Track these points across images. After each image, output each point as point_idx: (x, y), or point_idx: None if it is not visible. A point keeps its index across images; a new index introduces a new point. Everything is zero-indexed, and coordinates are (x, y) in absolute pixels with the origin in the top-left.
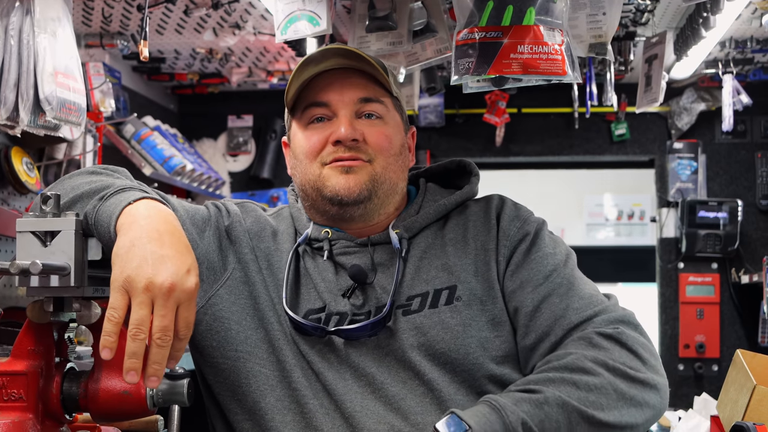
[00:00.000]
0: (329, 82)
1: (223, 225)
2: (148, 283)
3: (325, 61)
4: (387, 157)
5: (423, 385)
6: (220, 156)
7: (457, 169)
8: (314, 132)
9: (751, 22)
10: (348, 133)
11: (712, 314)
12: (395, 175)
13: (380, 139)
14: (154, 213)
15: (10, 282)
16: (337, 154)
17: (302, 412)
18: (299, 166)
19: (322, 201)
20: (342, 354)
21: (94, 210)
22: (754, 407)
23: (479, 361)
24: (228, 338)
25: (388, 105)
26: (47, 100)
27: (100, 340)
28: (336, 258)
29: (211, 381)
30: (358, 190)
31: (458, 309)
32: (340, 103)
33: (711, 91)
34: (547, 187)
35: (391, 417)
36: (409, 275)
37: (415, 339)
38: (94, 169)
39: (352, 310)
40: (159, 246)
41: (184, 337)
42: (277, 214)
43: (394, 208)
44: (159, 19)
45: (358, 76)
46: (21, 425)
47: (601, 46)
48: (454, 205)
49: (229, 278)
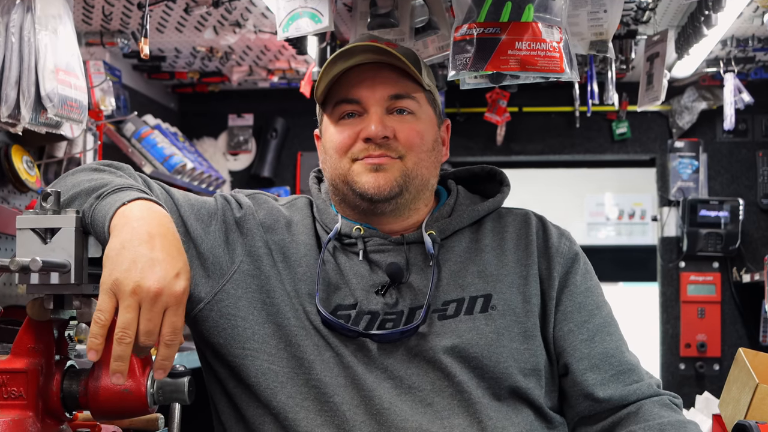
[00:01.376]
0: (360, 78)
1: (233, 217)
2: (135, 286)
3: (355, 56)
4: (419, 153)
5: (452, 387)
6: (220, 155)
7: (486, 175)
8: (345, 128)
9: (753, 21)
10: (378, 131)
11: (713, 313)
12: (427, 171)
13: (411, 136)
14: (147, 214)
15: (10, 279)
16: (368, 152)
17: (323, 408)
18: (329, 161)
19: (353, 196)
20: (372, 354)
21: (90, 209)
22: (757, 406)
23: (509, 371)
24: (235, 335)
25: (420, 100)
26: (48, 97)
27: (87, 342)
28: (370, 255)
29: (223, 376)
30: (388, 188)
31: (493, 317)
32: (371, 99)
33: (712, 89)
34: (548, 186)
35: (420, 416)
36: (444, 279)
37: (450, 342)
38: (97, 165)
39: (384, 309)
40: (149, 249)
41: (171, 343)
42: (291, 204)
43: (424, 204)
44: (159, 18)
45: (389, 70)
46: (21, 423)
47: (602, 43)
48: (486, 212)
49: (236, 272)
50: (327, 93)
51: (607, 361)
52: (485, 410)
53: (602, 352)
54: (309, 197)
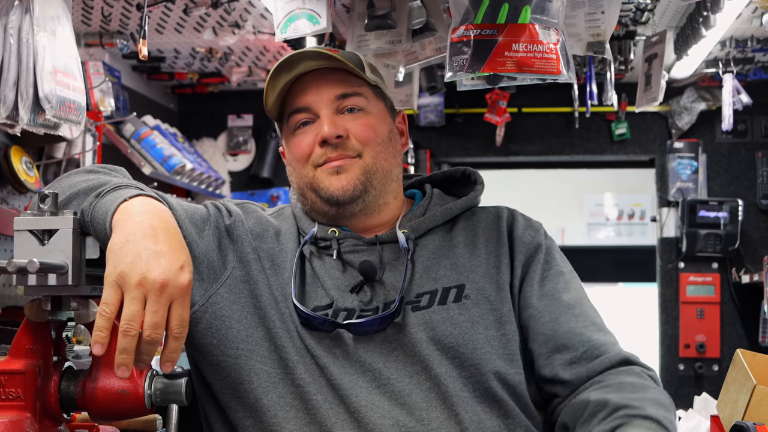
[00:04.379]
0: (305, 85)
1: (224, 224)
2: (141, 278)
3: (297, 66)
4: (375, 147)
5: (429, 380)
6: (219, 155)
7: (462, 177)
8: (302, 137)
9: (752, 22)
10: (331, 131)
11: (712, 314)
12: (387, 163)
13: (365, 131)
14: (149, 209)
15: (8, 281)
16: (326, 155)
17: (306, 408)
18: (294, 172)
19: (321, 202)
20: (349, 349)
21: (90, 207)
22: (754, 407)
23: (486, 357)
24: (229, 336)
25: (368, 95)
26: (47, 98)
27: (92, 336)
28: (344, 256)
29: (211, 379)
30: (352, 188)
31: (467, 306)
32: (319, 103)
33: (711, 90)
34: (548, 187)
35: (396, 412)
36: (417, 273)
37: (425, 333)
38: (92, 167)
39: (360, 306)
40: (153, 242)
41: (179, 335)
42: (278, 213)
43: (393, 197)
44: (158, 18)
45: (332, 74)
46: (19, 424)
47: (599, 44)
48: (460, 210)
49: (229, 277)
50: (279, 109)
51: (570, 343)
52: (463, 404)
53: (566, 334)
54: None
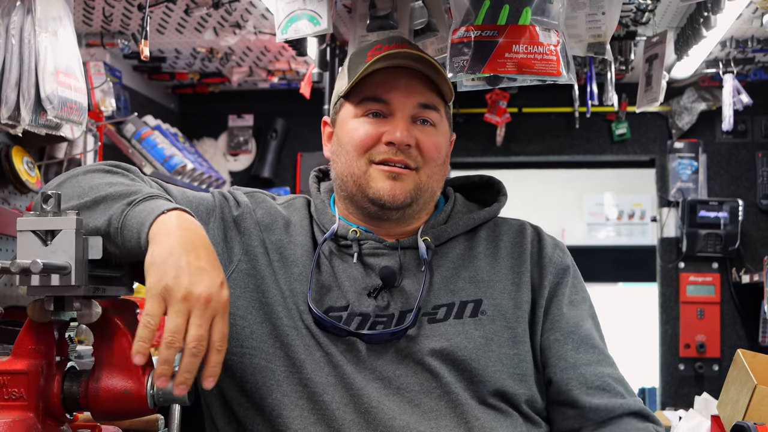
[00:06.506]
0: (393, 80)
1: (231, 215)
2: (186, 293)
3: (396, 59)
4: (433, 166)
5: (440, 388)
6: (220, 155)
7: (484, 184)
8: (368, 126)
9: (752, 22)
10: (403, 138)
11: (712, 314)
12: (436, 184)
13: (431, 149)
14: (188, 225)
15: (10, 281)
16: (388, 156)
17: (313, 407)
18: (344, 155)
19: (362, 198)
20: (361, 355)
21: (122, 215)
22: (755, 407)
23: (497, 375)
24: (233, 333)
25: (442, 113)
26: (48, 99)
27: (134, 345)
28: (364, 258)
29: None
30: (402, 198)
31: (482, 322)
32: (400, 104)
33: (711, 90)
34: (548, 187)
35: (407, 415)
36: (436, 284)
37: (438, 345)
38: (108, 168)
39: (376, 311)
40: (195, 258)
41: (221, 348)
42: (289, 204)
43: (426, 213)
44: (160, 19)
45: (419, 78)
46: (21, 424)
47: (599, 45)
48: (482, 221)
49: (234, 270)
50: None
51: (592, 372)
52: (472, 411)
53: (587, 364)
54: (307, 197)
